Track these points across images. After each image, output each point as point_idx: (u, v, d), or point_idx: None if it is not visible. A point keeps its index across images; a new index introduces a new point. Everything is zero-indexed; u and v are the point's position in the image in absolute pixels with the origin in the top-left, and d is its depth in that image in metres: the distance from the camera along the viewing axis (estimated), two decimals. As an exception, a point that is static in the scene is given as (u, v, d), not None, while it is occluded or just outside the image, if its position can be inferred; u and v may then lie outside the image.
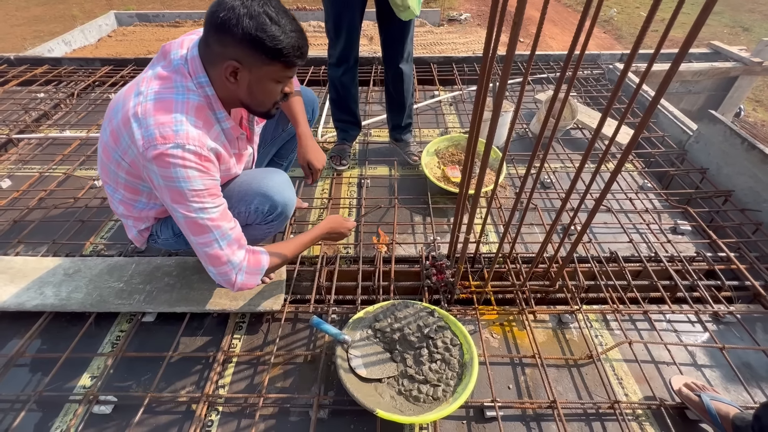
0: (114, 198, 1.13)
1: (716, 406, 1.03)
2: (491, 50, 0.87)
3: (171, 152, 0.87)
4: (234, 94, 0.96)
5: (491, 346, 1.29)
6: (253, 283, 1.07)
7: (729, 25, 7.23)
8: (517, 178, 2.00)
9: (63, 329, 1.32)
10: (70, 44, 5.20)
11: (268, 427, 1.09)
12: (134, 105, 0.90)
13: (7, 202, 1.82)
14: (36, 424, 1.09)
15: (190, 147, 0.89)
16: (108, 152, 1.01)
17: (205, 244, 0.98)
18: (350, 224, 1.36)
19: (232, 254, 1.00)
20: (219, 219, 0.97)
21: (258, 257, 1.06)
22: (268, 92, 0.96)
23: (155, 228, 1.22)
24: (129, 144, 0.93)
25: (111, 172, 1.05)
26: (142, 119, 0.89)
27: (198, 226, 0.96)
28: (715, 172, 1.95)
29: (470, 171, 1.13)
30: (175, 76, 0.93)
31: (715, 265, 1.51)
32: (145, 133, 0.88)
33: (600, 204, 1.06)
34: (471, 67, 3.09)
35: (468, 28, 7.19)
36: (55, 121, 2.51)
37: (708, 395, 1.05)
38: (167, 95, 0.91)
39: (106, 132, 1.00)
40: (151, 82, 0.93)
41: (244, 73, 0.90)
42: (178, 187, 0.91)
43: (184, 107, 0.91)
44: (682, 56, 0.74)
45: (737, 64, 3.09)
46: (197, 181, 0.92)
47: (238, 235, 1.03)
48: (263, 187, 1.14)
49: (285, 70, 0.93)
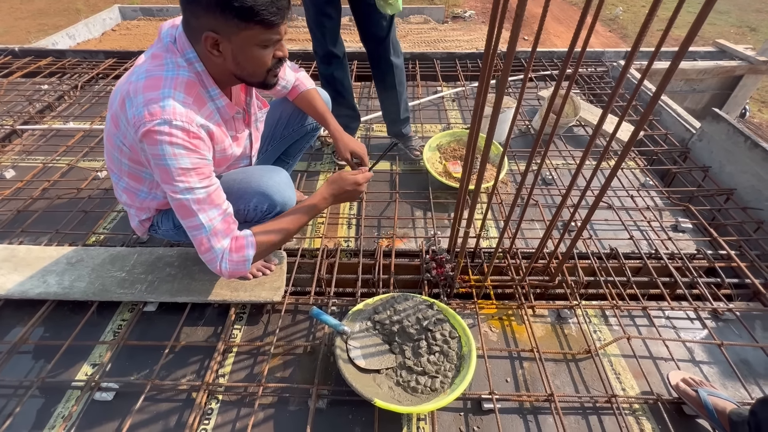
0: (118, 186, 1.14)
1: (713, 401, 1.03)
2: (492, 46, 0.87)
3: (158, 128, 0.85)
4: (223, 68, 0.92)
5: (490, 340, 1.30)
6: (242, 271, 1.02)
7: (736, 24, 7.17)
8: (518, 174, 2.00)
9: (65, 317, 1.33)
10: (74, 38, 5.21)
11: (267, 416, 1.10)
12: (127, 86, 0.90)
13: (11, 192, 1.83)
14: (38, 409, 1.11)
15: (177, 123, 0.86)
16: (111, 139, 1.02)
17: (192, 227, 0.95)
18: (360, 178, 1.14)
19: (216, 242, 0.97)
20: (205, 201, 0.93)
21: (241, 243, 1.00)
22: (256, 60, 0.91)
23: (156, 219, 1.23)
24: (126, 126, 0.93)
25: (115, 159, 1.06)
26: (133, 97, 0.88)
27: (184, 209, 0.93)
28: (717, 170, 1.94)
29: (471, 166, 1.13)
30: (165, 54, 0.91)
31: (715, 262, 1.51)
32: (135, 112, 0.87)
33: (600, 200, 1.06)
34: (474, 63, 3.08)
35: (472, 25, 7.16)
36: (59, 113, 2.52)
37: (705, 390, 1.06)
38: (157, 72, 0.89)
39: (108, 119, 1.01)
40: (145, 63, 0.93)
41: (225, 43, 0.87)
42: (164, 165, 0.88)
43: (173, 83, 0.89)
44: (683, 52, 0.74)
45: (743, 62, 3.07)
46: (184, 159, 0.88)
47: (225, 222, 0.98)
48: (262, 185, 1.12)
49: (265, 31, 0.86)
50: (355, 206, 1.80)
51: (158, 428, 1.07)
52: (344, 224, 1.71)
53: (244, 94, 1.16)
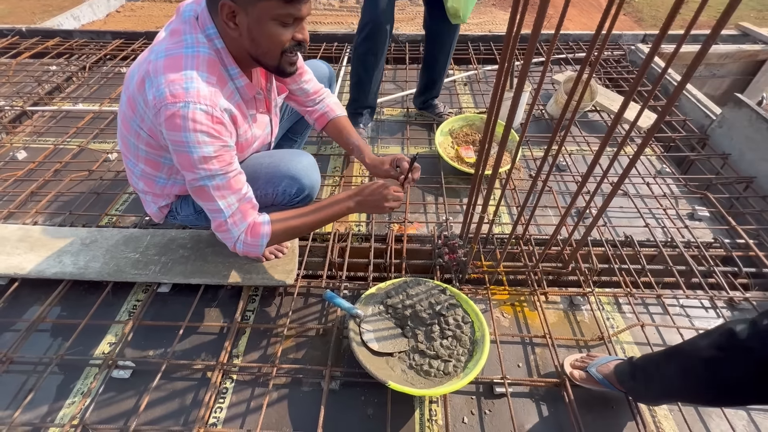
0: (134, 173, 1.11)
1: (601, 370, 1.04)
2: (515, 29, 0.83)
3: (181, 112, 0.83)
4: (240, 44, 0.89)
5: (502, 326, 1.29)
6: (256, 253, 1.04)
7: (756, 8, 6.90)
8: (531, 160, 1.97)
9: (81, 297, 1.35)
10: (79, 19, 5.15)
11: (281, 396, 1.12)
12: (146, 65, 0.87)
13: (24, 173, 1.84)
14: (58, 385, 1.13)
15: (201, 107, 0.84)
16: (126, 123, 0.99)
17: (210, 210, 0.97)
18: (391, 192, 1.07)
19: (234, 225, 0.99)
20: (225, 188, 0.94)
21: (257, 230, 1.02)
22: (271, 36, 0.86)
23: (175, 205, 1.22)
24: (144, 109, 0.90)
25: (131, 145, 1.03)
26: (153, 78, 0.85)
27: (204, 193, 0.93)
28: (737, 157, 1.89)
29: (487, 152, 1.11)
30: (184, 27, 0.88)
31: (732, 251, 1.49)
32: (156, 92, 0.84)
33: (618, 188, 1.03)
34: (487, 46, 3.00)
35: (482, 8, 6.96)
36: (68, 94, 2.51)
37: (593, 365, 1.07)
38: (177, 50, 0.86)
39: (124, 101, 0.98)
40: (164, 40, 0.90)
41: (241, 16, 0.83)
42: (187, 152, 0.87)
43: (194, 62, 0.86)
44: (715, 35, 0.70)
45: (767, 46, 2.96)
46: (207, 147, 0.87)
47: (243, 207, 0.99)
48: (291, 169, 1.12)
49: (284, 5, 0.82)
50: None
51: (175, 405, 1.09)
52: (355, 209, 1.70)
53: (265, 80, 1.12)
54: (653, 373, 0.91)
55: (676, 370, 0.84)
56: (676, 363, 0.85)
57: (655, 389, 0.92)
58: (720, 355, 0.74)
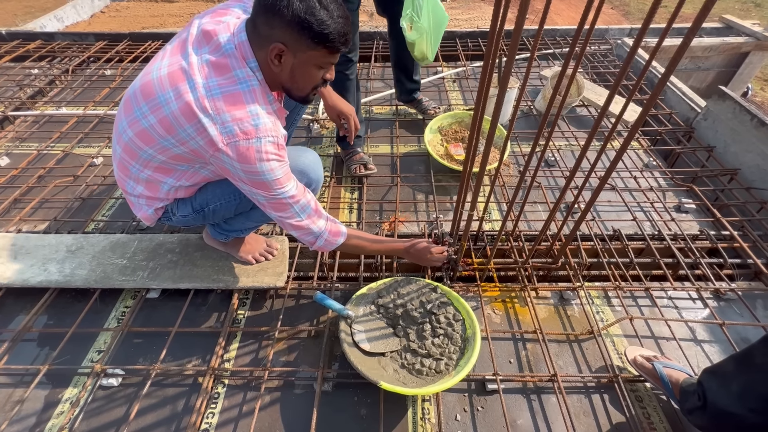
0: (136, 177, 1.08)
1: (668, 372, 1.05)
2: (498, 24, 0.83)
3: (255, 147, 0.91)
4: (276, 77, 0.97)
5: (493, 322, 1.30)
6: (330, 249, 1.15)
7: (740, 0, 6.99)
8: (520, 156, 1.98)
9: (68, 305, 1.33)
10: (63, 20, 5.04)
11: (274, 399, 1.11)
12: (197, 98, 0.89)
13: (6, 180, 1.80)
14: (46, 395, 1.12)
15: (269, 139, 0.93)
16: (151, 137, 0.97)
17: (287, 217, 1.05)
18: (436, 250, 1.26)
19: (312, 223, 1.08)
20: (298, 195, 1.03)
21: (338, 229, 1.13)
22: (310, 77, 0.98)
23: (171, 206, 1.19)
24: (193, 136, 0.93)
25: (145, 155, 1.01)
26: (215, 116, 0.89)
27: (281, 205, 1.02)
28: (722, 150, 1.92)
29: (474, 149, 1.11)
30: (231, 61, 0.92)
31: (718, 243, 1.51)
32: (223, 130, 0.90)
33: (605, 182, 1.04)
34: (475, 42, 3.00)
35: (471, 3, 6.96)
36: (50, 98, 2.46)
37: (661, 363, 1.07)
38: (232, 88, 0.91)
39: (150, 118, 0.94)
40: (205, 70, 0.91)
41: (288, 56, 0.91)
42: (262, 180, 0.95)
43: (253, 97, 0.93)
44: (697, 28, 0.71)
45: (750, 39, 3.00)
46: (278, 171, 0.97)
47: (316, 206, 1.09)
48: (300, 164, 1.18)
49: (328, 55, 0.94)
50: (357, 191, 1.78)
51: (166, 412, 1.08)
52: (345, 208, 1.70)
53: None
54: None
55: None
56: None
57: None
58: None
